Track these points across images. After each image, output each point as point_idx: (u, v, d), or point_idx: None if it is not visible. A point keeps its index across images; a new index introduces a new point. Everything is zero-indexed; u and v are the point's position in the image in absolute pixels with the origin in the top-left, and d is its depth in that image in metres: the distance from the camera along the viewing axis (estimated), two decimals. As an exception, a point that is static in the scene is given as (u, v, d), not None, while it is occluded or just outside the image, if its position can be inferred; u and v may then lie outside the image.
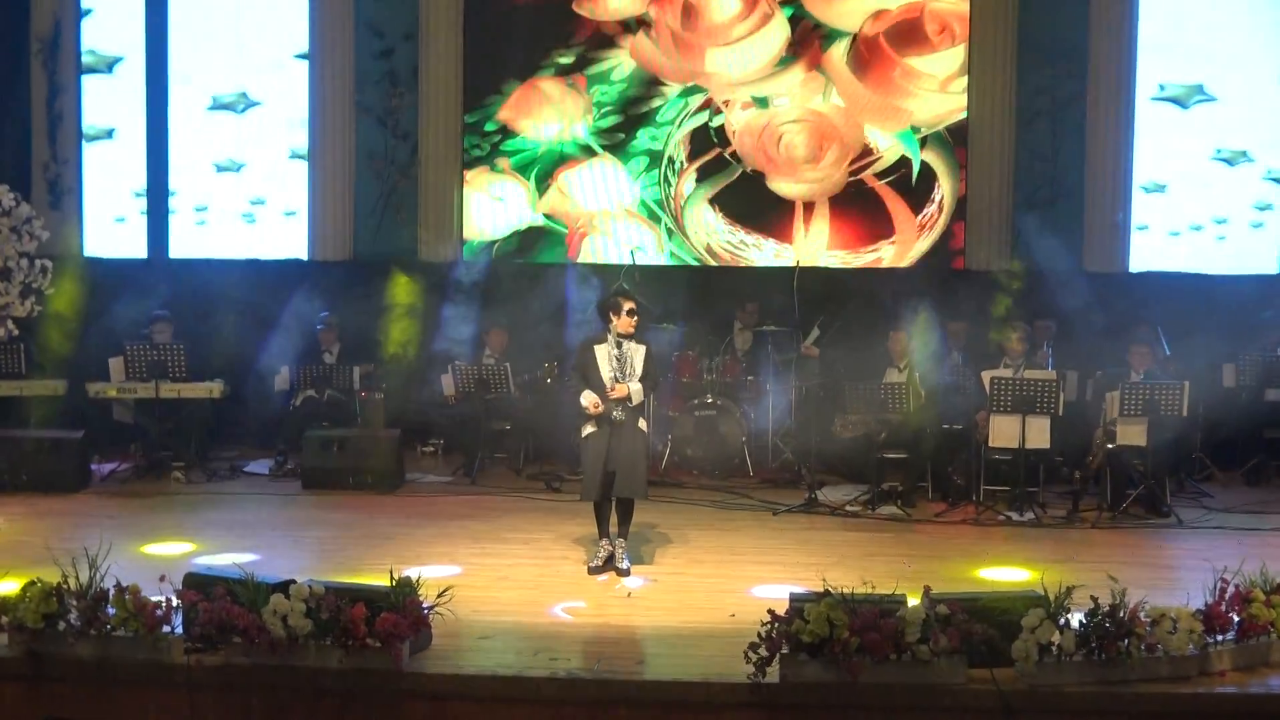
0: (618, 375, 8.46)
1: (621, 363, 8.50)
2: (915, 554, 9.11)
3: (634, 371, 8.50)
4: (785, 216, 13.34)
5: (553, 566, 8.69)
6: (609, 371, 8.47)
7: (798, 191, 13.27)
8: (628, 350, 8.52)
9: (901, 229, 13.20)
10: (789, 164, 13.27)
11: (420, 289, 13.36)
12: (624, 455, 8.47)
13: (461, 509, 10.58)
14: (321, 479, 11.24)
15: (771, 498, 10.98)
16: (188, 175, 13.76)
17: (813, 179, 13.28)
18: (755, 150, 13.27)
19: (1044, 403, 10.27)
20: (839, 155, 13.23)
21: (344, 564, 8.55)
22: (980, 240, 13.10)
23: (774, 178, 13.29)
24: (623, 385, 8.45)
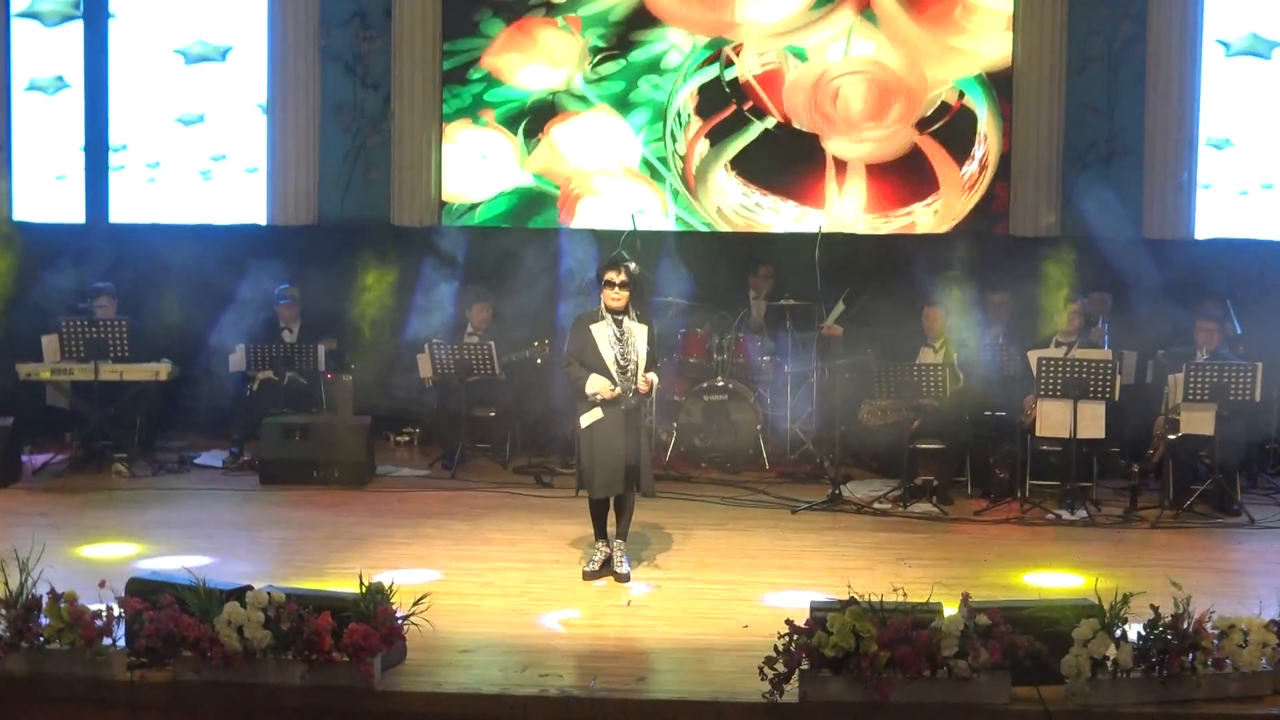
0: (620, 359, 8.40)
1: (623, 342, 8.43)
2: (952, 557, 9.11)
3: (638, 356, 8.44)
4: (810, 176, 13.30)
5: (543, 571, 8.69)
6: (611, 354, 8.41)
7: (859, 153, 13.20)
8: (628, 330, 8.46)
9: (946, 189, 13.16)
10: (847, 122, 13.18)
11: (393, 258, 13.34)
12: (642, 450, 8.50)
13: (440, 506, 10.58)
14: (282, 472, 11.24)
15: (790, 494, 10.98)
16: (143, 129, 13.75)
17: (876, 138, 13.20)
18: (808, 109, 13.17)
19: (1098, 386, 10.26)
20: (905, 110, 13.15)
21: (307, 568, 8.55)
22: (1026, 203, 13.07)
23: (831, 138, 13.21)
24: (650, 376, 8.44)
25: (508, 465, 12.03)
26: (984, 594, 7.30)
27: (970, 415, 10.89)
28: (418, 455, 12.67)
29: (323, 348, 12.25)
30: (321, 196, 13.76)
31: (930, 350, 11.16)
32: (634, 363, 8.43)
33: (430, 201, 13.66)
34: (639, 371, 8.44)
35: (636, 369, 8.44)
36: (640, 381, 8.42)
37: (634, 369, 8.43)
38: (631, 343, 8.44)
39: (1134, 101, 12.97)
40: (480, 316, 12.35)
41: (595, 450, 8.46)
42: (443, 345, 11.97)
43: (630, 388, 8.40)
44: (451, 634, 7.28)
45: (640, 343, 8.45)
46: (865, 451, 11.80)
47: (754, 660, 6.53)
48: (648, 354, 8.47)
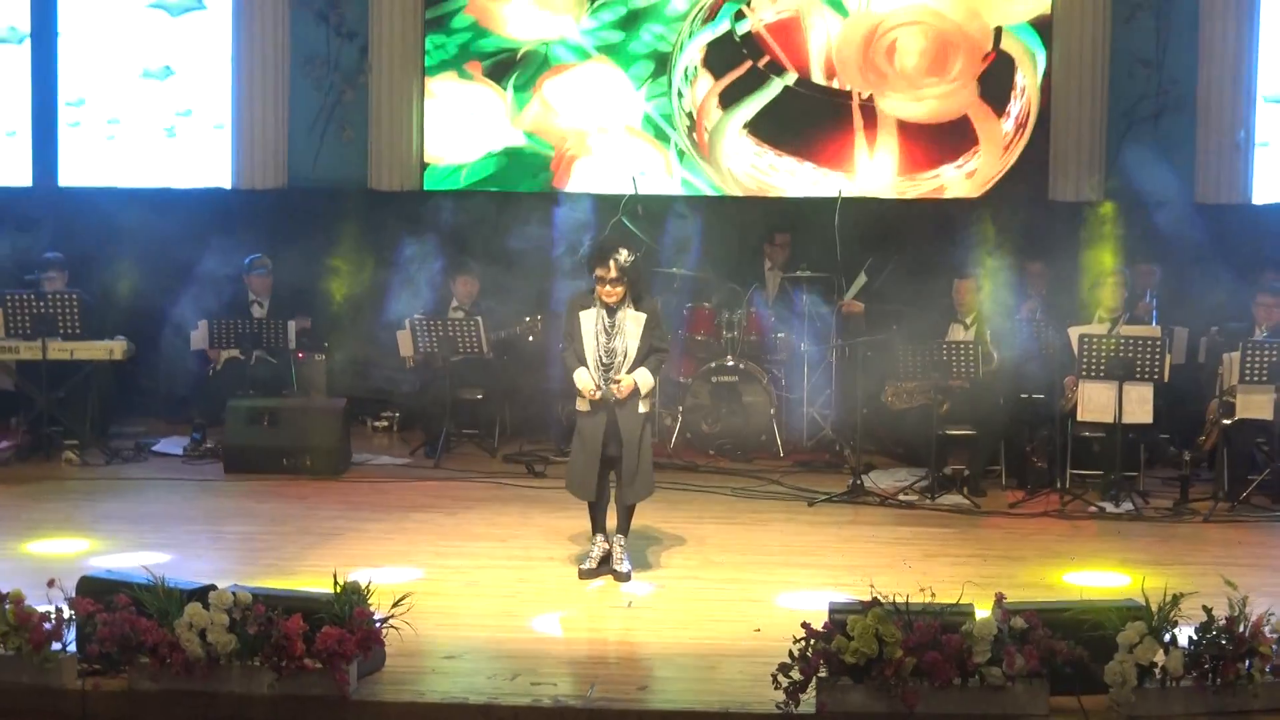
0: (603, 355, 8.37)
1: (611, 335, 8.38)
2: (985, 554, 9.11)
3: (627, 350, 8.37)
4: (833, 136, 13.26)
5: (535, 570, 8.69)
6: (594, 346, 8.38)
7: (920, 113, 13.16)
8: (621, 319, 8.39)
9: (987, 147, 13.12)
10: (904, 78, 13.14)
11: (371, 225, 13.32)
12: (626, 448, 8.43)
13: (422, 498, 10.58)
14: (248, 460, 11.24)
15: (806, 484, 10.99)
16: (103, 83, 13.73)
17: (938, 94, 13.16)
18: (861, 66, 13.12)
19: (1146, 366, 10.24)
20: (967, 64, 13.10)
21: (276, 566, 8.55)
22: (1067, 164, 13.04)
23: (886, 97, 13.17)
24: (626, 380, 8.34)
25: (496, 453, 12.03)
26: (1020, 594, 7.28)
27: (1004, 398, 10.88)
28: (398, 442, 12.66)
29: (294, 325, 12.24)
30: (291, 158, 13.74)
31: (960, 326, 11.15)
32: (620, 358, 8.37)
33: (411, 163, 13.64)
34: (623, 368, 8.38)
35: (622, 365, 8.38)
36: (613, 385, 8.34)
37: (619, 365, 8.37)
38: (621, 336, 8.37)
39: (1186, 52, 12.92)
40: (465, 290, 12.34)
41: (575, 446, 8.57)
42: (425, 321, 11.95)
43: (607, 390, 8.36)
44: (434, 638, 7.27)
45: (633, 336, 8.37)
46: (889, 438, 11.80)
47: (766, 667, 6.52)
48: (641, 348, 8.38)
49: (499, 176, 13.65)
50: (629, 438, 8.41)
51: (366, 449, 12.17)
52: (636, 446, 8.42)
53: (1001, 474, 10.99)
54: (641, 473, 8.48)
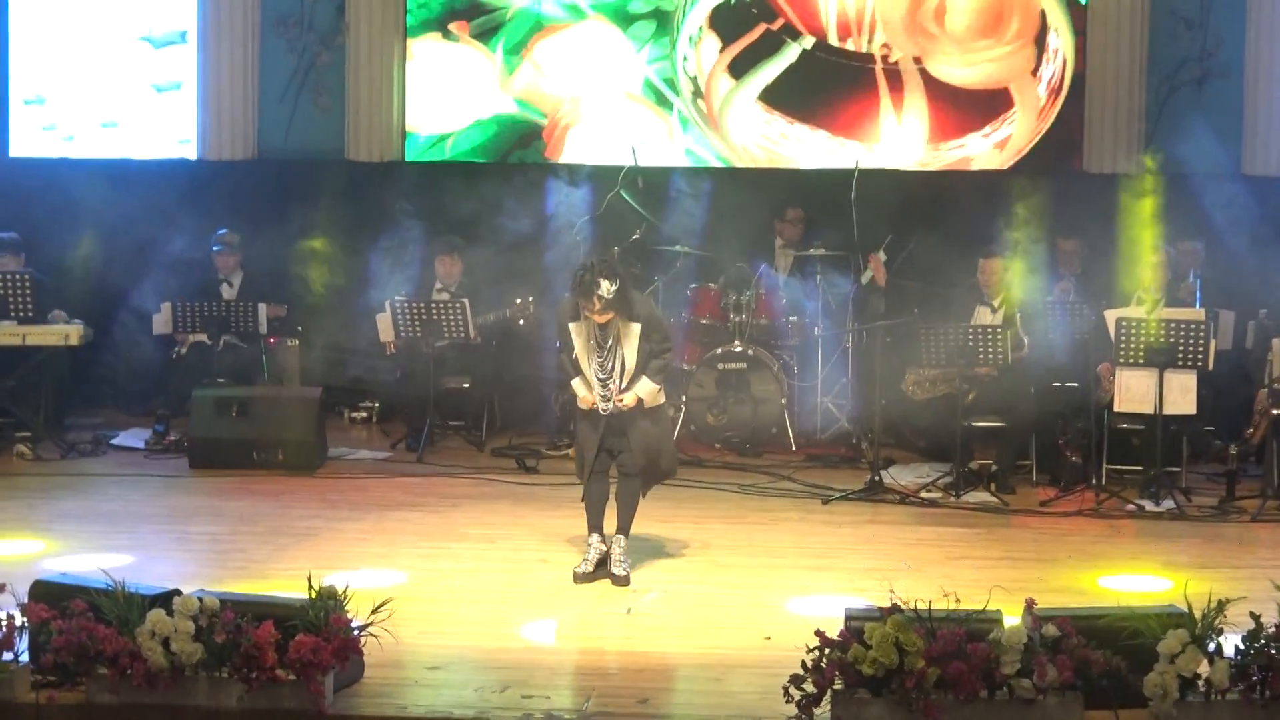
0: (598, 370, 8.45)
1: (604, 349, 8.44)
2: (1014, 556, 9.11)
3: (623, 362, 8.43)
4: (850, 102, 13.25)
5: (527, 573, 8.69)
6: (590, 362, 8.48)
7: (975, 78, 13.16)
8: (613, 332, 8.43)
9: (1024, 115, 13.11)
10: (955, 40, 13.13)
11: (349, 200, 13.32)
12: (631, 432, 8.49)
13: (404, 495, 10.59)
14: (215, 455, 11.24)
15: (821, 480, 11.00)
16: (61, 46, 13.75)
17: (994, 58, 13.15)
18: (908, 28, 13.12)
19: (1189, 353, 10.24)
20: (1024, 23, 13.09)
21: (246, 569, 8.55)
22: (1104, 132, 13.04)
23: (936, 62, 13.17)
24: (629, 397, 8.43)
25: (485, 447, 12.04)
26: (1052, 600, 7.29)
27: (1035, 387, 10.88)
28: (377, 435, 12.67)
29: (265, 308, 12.24)
30: (262, 127, 13.75)
31: (987, 310, 11.14)
32: (616, 370, 8.44)
33: (392, 132, 13.63)
34: (621, 379, 8.44)
35: (619, 376, 8.44)
36: (620, 398, 8.44)
37: (616, 377, 8.44)
38: (615, 350, 8.44)
39: (1232, 11, 12.92)
40: (449, 270, 12.33)
41: (577, 430, 8.76)
42: (407, 304, 11.95)
43: (607, 406, 8.46)
44: (418, 647, 7.27)
45: (629, 347, 8.42)
46: (910, 430, 11.80)
47: (777, 679, 6.51)
48: (638, 357, 8.43)
49: (487, 146, 13.64)
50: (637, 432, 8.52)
51: (344, 442, 12.18)
52: (645, 438, 8.53)
53: (1032, 469, 10.99)
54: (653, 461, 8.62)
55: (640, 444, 8.53)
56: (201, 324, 12.20)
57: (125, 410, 12.82)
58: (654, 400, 8.54)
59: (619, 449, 8.57)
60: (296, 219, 13.10)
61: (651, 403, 8.52)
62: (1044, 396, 10.92)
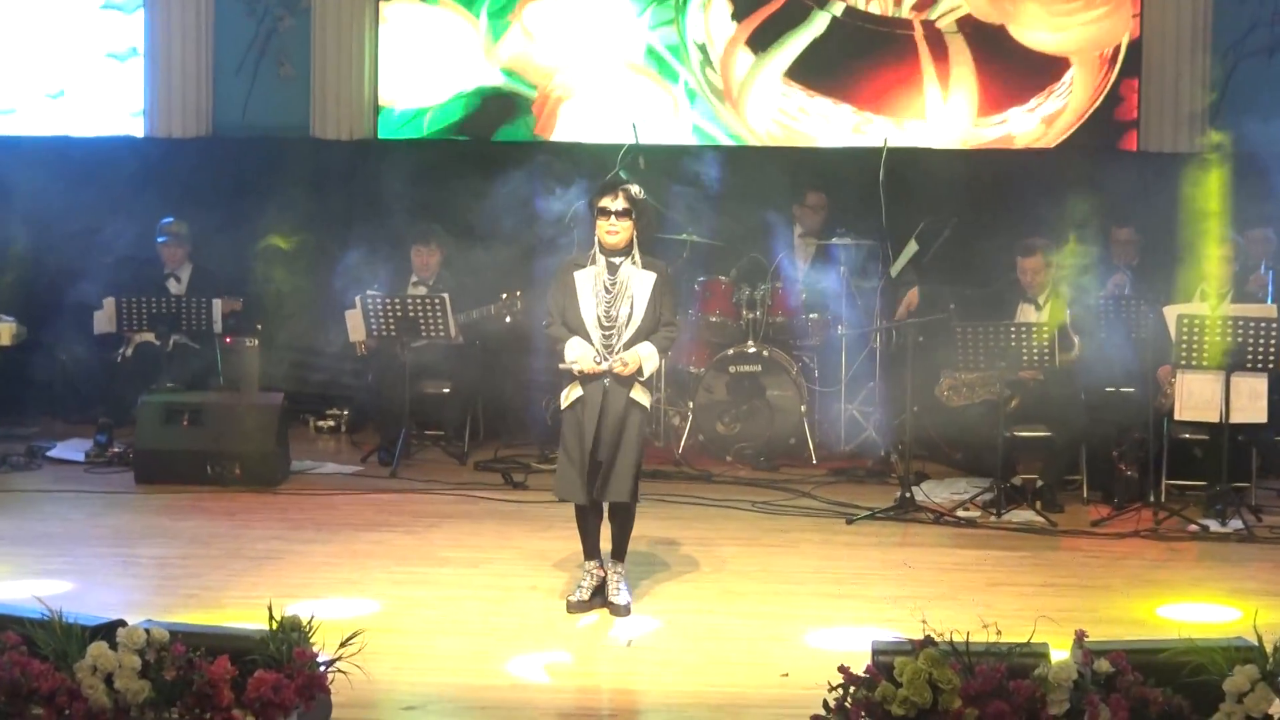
0: (606, 319, 8.33)
1: (614, 298, 8.35)
2: (1062, 582, 9.10)
3: (631, 316, 8.33)
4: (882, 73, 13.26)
5: (514, 602, 8.69)
6: (593, 312, 8.34)
7: (1068, 44, 13.19)
8: (625, 278, 8.36)
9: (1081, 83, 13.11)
10: (1046, 4, 13.17)
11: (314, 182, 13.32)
12: (609, 440, 8.38)
13: (376, 514, 10.59)
14: (165, 468, 11.24)
15: (845, 497, 11.01)
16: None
17: (1091, 19, 13.17)
18: None
19: (1259, 353, 10.23)
20: None
21: (199, 597, 8.55)
22: (1163, 107, 13.05)
23: (1023, 27, 13.19)
24: (630, 356, 8.31)
25: (467, 460, 12.06)
26: (1105, 632, 7.28)
27: (1086, 392, 10.87)
28: (346, 446, 12.67)
29: (220, 304, 12.23)
30: (217, 100, 13.76)
31: (1031, 307, 11.11)
32: (622, 325, 8.33)
33: (363, 107, 13.64)
34: (624, 338, 8.34)
35: (623, 334, 8.34)
36: (617, 359, 8.30)
37: (620, 334, 8.34)
38: (625, 296, 8.33)
39: (1308, -30, 12.94)
40: (426, 261, 12.33)
41: (565, 439, 8.51)
42: (379, 300, 11.93)
43: (605, 359, 8.32)
44: (391, 685, 7.27)
45: (640, 297, 8.34)
46: (946, 441, 11.80)
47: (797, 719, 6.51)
48: (646, 316, 8.35)
49: (470, 122, 13.65)
50: (610, 432, 8.35)
51: (309, 454, 12.20)
52: (617, 437, 8.37)
53: (1082, 485, 11.00)
54: (619, 471, 8.41)
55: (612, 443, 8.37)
56: (149, 322, 12.20)
57: (63, 419, 12.82)
58: (650, 372, 8.42)
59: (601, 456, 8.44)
60: (255, 204, 13.11)
61: (647, 374, 8.40)
62: (1096, 403, 10.90)
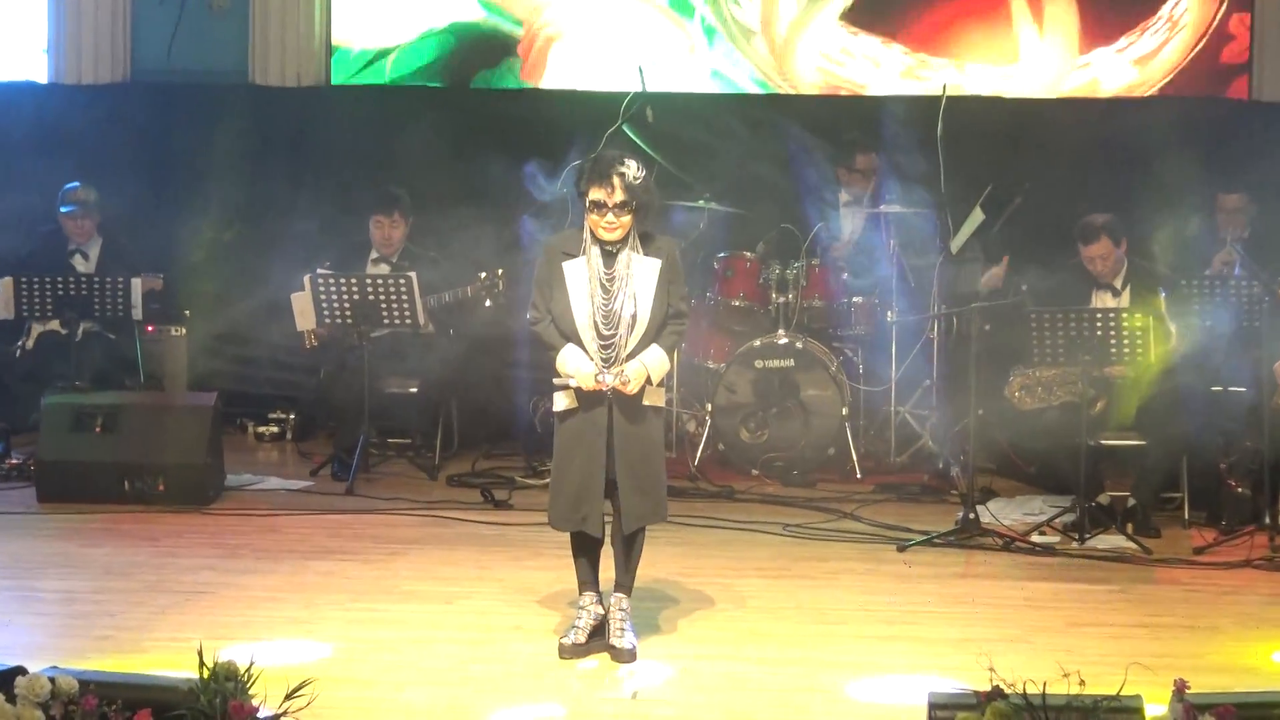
0: (601, 323, 8.27)
1: (610, 293, 8.28)
2: (1159, 622, 9.09)
3: (635, 315, 8.24)
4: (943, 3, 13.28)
5: (496, 645, 8.69)
6: (588, 310, 8.28)
7: None
8: (625, 269, 8.30)
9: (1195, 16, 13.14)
10: None
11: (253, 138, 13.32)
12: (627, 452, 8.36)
13: (329, 540, 10.60)
14: (73, 483, 11.24)
15: (895, 519, 11.02)
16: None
17: None
18: None
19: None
20: None
21: (115, 639, 8.55)
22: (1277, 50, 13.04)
23: None
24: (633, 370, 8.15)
25: (438, 473, 12.09)
26: (1210, 681, 7.29)
27: (1187, 393, 10.86)
28: (292, 457, 12.69)
29: (139, 284, 12.23)
30: (136, 39, 13.76)
31: (1107, 294, 11.10)
32: (625, 327, 8.27)
33: (313, 48, 13.66)
34: (629, 341, 8.29)
35: (628, 337, 8.29)
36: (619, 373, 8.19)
37: (624, 337, 8.28)
38: (627, 292, 8.26)
39: None
40: (389, 234, 12.31)
41: (560, 457, 8.49)
42: (333, 279, 11.92)
43: (607, 379, 8.27)
44: (348, 744, 7.30)
45: (645, 291, 8.25)
46: (1017, 451, 11.79)
47: (837, 787, 6.53)
48: (655, 310, 8.27)
49: (442, 66, 13.66)
50: (626, 441, 8.35)
51: (248, 467, 12.22)
52: (640, 451, 8.36)
53: (1183, 505, 11.02)
54: (647, 487, 8.41)
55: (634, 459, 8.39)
56: (54, 307, 12.21)
57: (-51, 423, 12.86)
58: (660, 377, 8.36)
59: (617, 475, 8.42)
60: (181, 164, 13.13)
61: (658, 380, 8.36)
62: (1199, 406, 10.89)
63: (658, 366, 8.30)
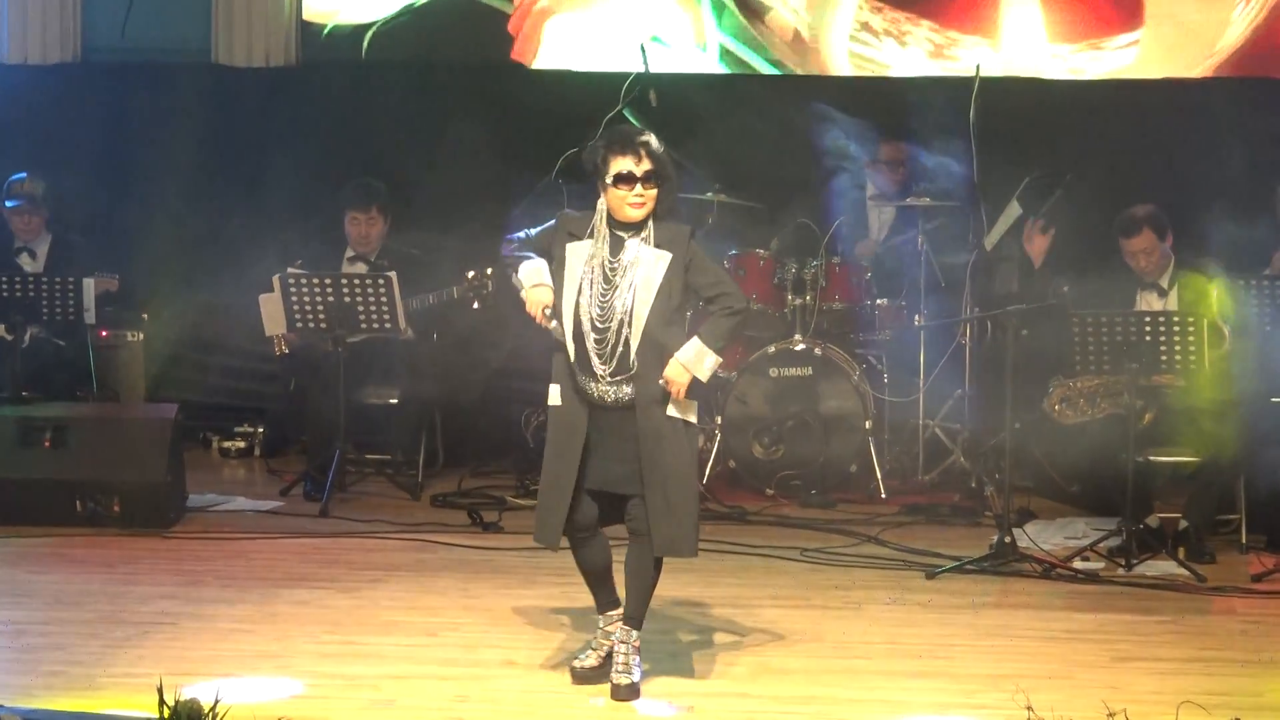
0: (596, 316, 8.24)
1: (611, 283, 8.24)
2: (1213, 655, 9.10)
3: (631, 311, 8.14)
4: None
5: (486, 681, 8.71)
6: (585, 299, 8.23)
7: None
8: (632, 259, 8.27)
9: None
10: None
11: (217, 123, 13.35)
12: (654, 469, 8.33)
13: (301, 565, 10.63)
14: (19, 504, 11.28)
15: (924, 543, 11.07)
16: None
17: None
18: None
19: None
20: None
21: (67, 674, 8.56)
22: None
23: None
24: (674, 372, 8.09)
25: (421, 493, 12.14)
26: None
27: (1245, 405, 10.88)
28: (261, 475, 12.71)
29: (92, 285, 12.26)
30: (87, 15, 13.79)
31: (1153, 294, 11.12)
32: (622, 323, 8.24)
33: (283, 22, 13.70)
34: (629, 339, 8.26)
35: (623, 333, 8.25)
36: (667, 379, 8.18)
37: (617, 334, 8.25)
38: (627, 284, 8.22)
39: None
40: (366, 231, 12.33)
41: (547, 458, 8.44)
42: (304, 279, 11.93)
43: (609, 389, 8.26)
44: (323, 791, 7.33)
45: (645, 288, 8.18)
46: (1058, 469, 11.80)
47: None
48: (657, 307, 8.23)
49: (424, 43, 13.68)
50: (653, 453, 8.31)
51: (212, 486, 12.26)
52: (667, 471, 8.32)
53: (1241, 527, 11.04)
54: (680, 515, 8.36)
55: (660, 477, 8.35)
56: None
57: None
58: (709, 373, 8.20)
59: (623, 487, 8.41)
60: (138, 151, 13.15)
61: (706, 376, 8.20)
62: (1258, 419, 10.92)
63: (698, 358, 8.13)
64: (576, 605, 9.17)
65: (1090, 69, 13.33)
